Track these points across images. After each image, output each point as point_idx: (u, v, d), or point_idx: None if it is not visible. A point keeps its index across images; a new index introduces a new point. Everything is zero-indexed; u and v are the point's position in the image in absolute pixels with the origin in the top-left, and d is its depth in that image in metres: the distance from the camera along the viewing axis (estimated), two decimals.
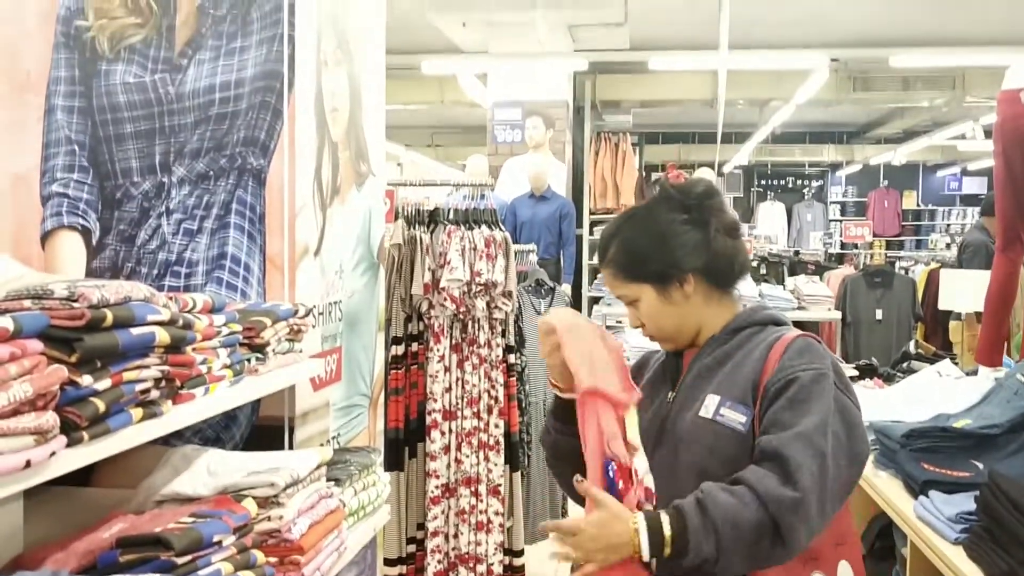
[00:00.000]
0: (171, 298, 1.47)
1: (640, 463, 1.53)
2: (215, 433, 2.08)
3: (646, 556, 1.45)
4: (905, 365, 4.00)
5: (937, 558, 2.17)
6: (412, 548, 3.50)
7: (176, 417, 1.43)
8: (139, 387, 1.30)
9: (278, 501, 1.57)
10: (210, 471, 1.61)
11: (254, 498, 1.54)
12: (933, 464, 2.56)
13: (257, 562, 1.46)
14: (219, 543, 1.37)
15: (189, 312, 1.50)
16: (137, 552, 1.27)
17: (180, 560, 1.28)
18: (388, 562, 3.42)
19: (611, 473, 1.52)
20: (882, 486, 2.67)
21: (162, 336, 1.32)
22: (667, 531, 1.45)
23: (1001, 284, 3.76)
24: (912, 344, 4.42)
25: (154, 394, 1.35)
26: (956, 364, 3.65)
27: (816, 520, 1.48)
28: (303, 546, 1.58)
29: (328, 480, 1.82)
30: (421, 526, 3.49)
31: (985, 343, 3.81)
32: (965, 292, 4.21)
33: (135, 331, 1.27)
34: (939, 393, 3.24)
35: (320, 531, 1.67)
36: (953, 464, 2.55)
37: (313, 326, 2.20)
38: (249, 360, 1.75)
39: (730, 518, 1.44)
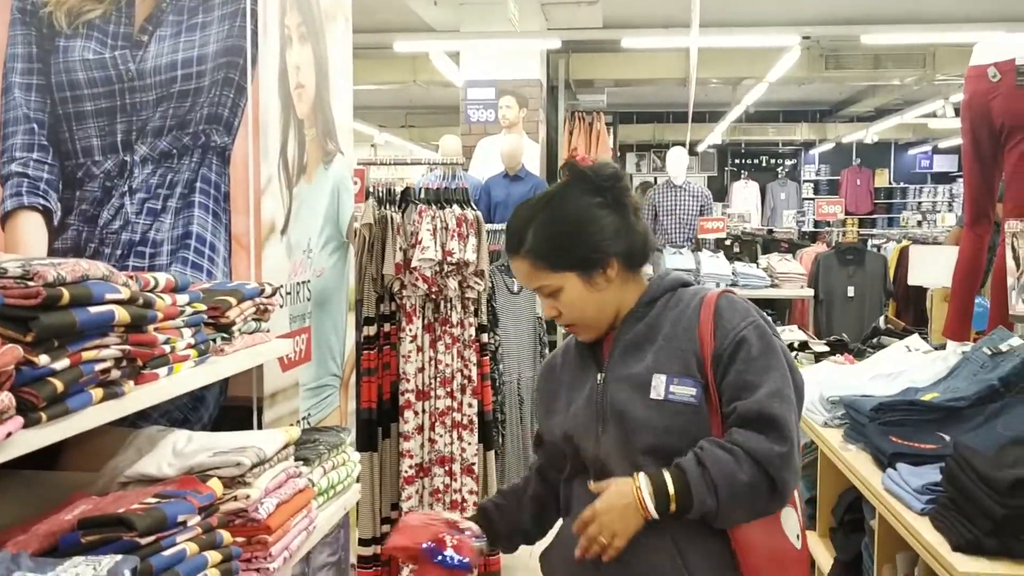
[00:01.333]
0: (132, 277, 1.45)
1: None
2: (182, 415, 2.06)
3: (652, 512, 1.54)
4: (875, 340, 4.03)
5: (904, 529, 2.19)
6: (386, 528, 3.50)
7: (139, 397, 1.42)
8: (99, 367, 1.29)
9: (244, 481, 1.55)
10: (175, 452, 1.59)
11: (220, 478, 1.52)
12: (901, 437, 2.58)
13: (223, 542, 1.44)
14: (184, 523, 1.36)
15: (151, 291, 1.49)
16: (99, 533, 1.26)
17: (144, 540, 1.26)
18: (363, 542, 3.42)
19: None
20: (851, 460, 2.69)
21: (122, 315, 1.31)
22: (669, 485, 1.54)
23: (969, 260, 3.80)
24: (882, 320, 4.44)
25: (115, 374, 1.34)
26: (925, 339, 3.68)
27: (799, 465, 1.62)
28: (271, 525, 1.57)
29: (296, 460, 1.81)
30: (395, 506, 3.49)
31: (953, 318, 3.85)
32: (934, 268, 4.25)
33: (93, 310, 1.25)
34: (908, 367, 3.26)
35: (288, 510, 1.66)
36: (920, 437, 2.57)
37: (280, 306, 2.18)
38: (214, 340, 1.74)
39: (728, 475, 1.54)
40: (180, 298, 1.58)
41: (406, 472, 3.43)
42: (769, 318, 1.73)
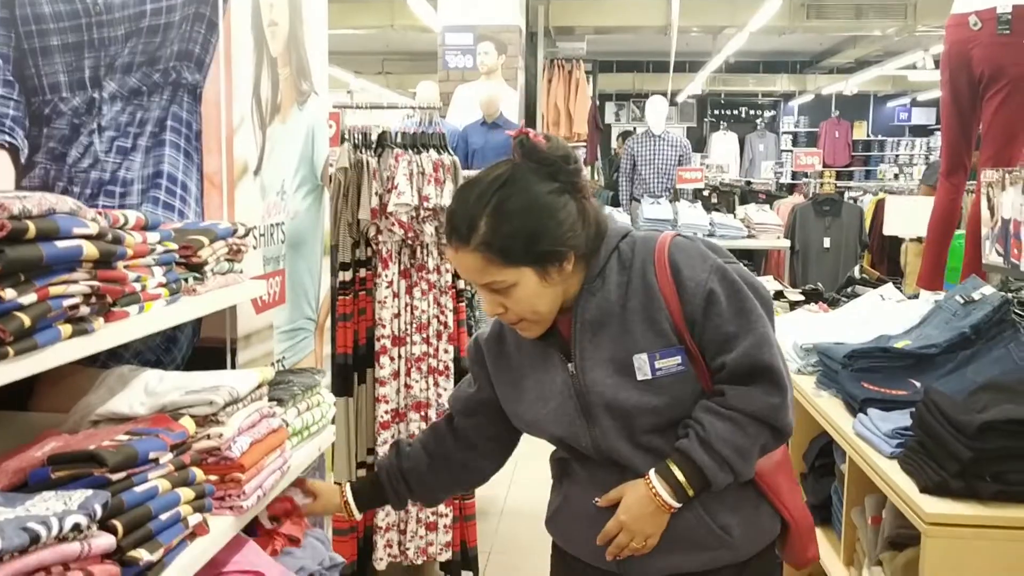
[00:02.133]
0: (101, 213, 1.42)
1: None
2: (155, 356, 2.05)
3: (676, 506, 1.55)
4: (849, 290, 4.06)
5: (873, 472, 2.22)
6: (362, 472, 3.52)
7: (109, 335, 1.40)
8: (67, 302, 1.27)
9: (217, 419, 1.55)
10: (147, 391, 1.58)
11: (192, 416, 1.52)
12: (873, 383, 2.61)
13: (196, 479, 1.44)
14: (155, 460, 1.35)
15: (120, 229, 1.46)
16: (69, 469, 1.25)
17: (114, 477, 1.26)
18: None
19: None
20: (823, 405, 2.72)
21: (90, 250, 1.28)
22: (680, 477, 1.54)
23: (944, 210, 3.83)
24: (857, 269, 4.47)
25: (84, 310, 1.31)
26: (899, 288, 3.71)
27: (791, 397, 1.61)
28: (244, 464, 1.57)
29: (271, 400, 1.80)
30: (371, 451, 3.51)
31: (927, 268, 3.89)
32: (909, 218, 4.28)
33: (60, 244, 1.23)
34: (881, 316, 3.29)
35: (262, 449, 1.65)
36: (892, 383, 2.60)
37: (254, 247, 2.16)
38: (186, 280, 1.72)
39: (733, 444, 1.54)
40: (150, 236, 1.56)
41: (382, 417, 3.44)
42: (719, 247, 1.64)
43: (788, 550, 1.79)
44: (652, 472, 1.56)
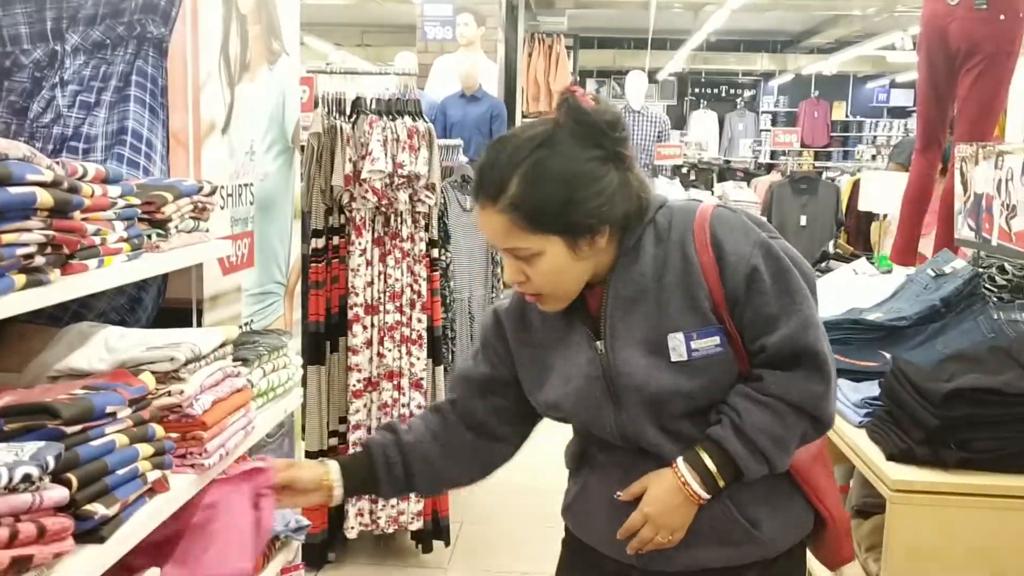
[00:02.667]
0: (58, 162, 1.39)
1: None
2: (120, 316, 2.01)
3: (705, 498, 1.44)
4: (824, 265, 4.07)
5: (841, 441, 2.23)
6: (334, 441, 3.50)
7: (66, 287, 1.37)
8: (21, 251, 1.24)
9: (178, 376, 1.52)
10: (108, 346, 1.55)
11: (153, 372, 1.49)
12: (844, 355, 2.61)
13: (156, 436, 1.42)
14: (113, 415, 1.33)
15: (79, 180, 1.43)
16: (22, 421, 1.22)
17: (69, 429, 1.23)
18: (309, 455, 3.42)
19: None
20: None
21: (44, 198, 1.25)
22: (711, 466, 1.43)
23: (918, 185, 3.84)
24: (831, 245, 4.48)
25: (39, 260, 1.29)
26: (872, 263, 3.72)
27: (835, 383, 1.49)
28: (206, 422, 1.55)
29: (236, 360, 1.78)
30: (343, 419, 3.49)
31: (900, 243, 3.90)
32: (884, 193, 4.29)
33: (13, 190, 1.20)
34: (854, 290, 3.30)
35: (225, 408, 1.63)
36: (862, 355, 2.61)
37: (221, 207, 2.13)
38: (149, 236, 1.69)
39: (770, 434, 1.42)
40: (111, 189, 1.52)
41: (354, 386, 3.42)
42: (764, 221, 1.53)
43: (822, 548, 1.66)
44: (680, 460, 1.43)
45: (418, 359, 3.49)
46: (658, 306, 1.44)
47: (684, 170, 8.18)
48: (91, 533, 1.27)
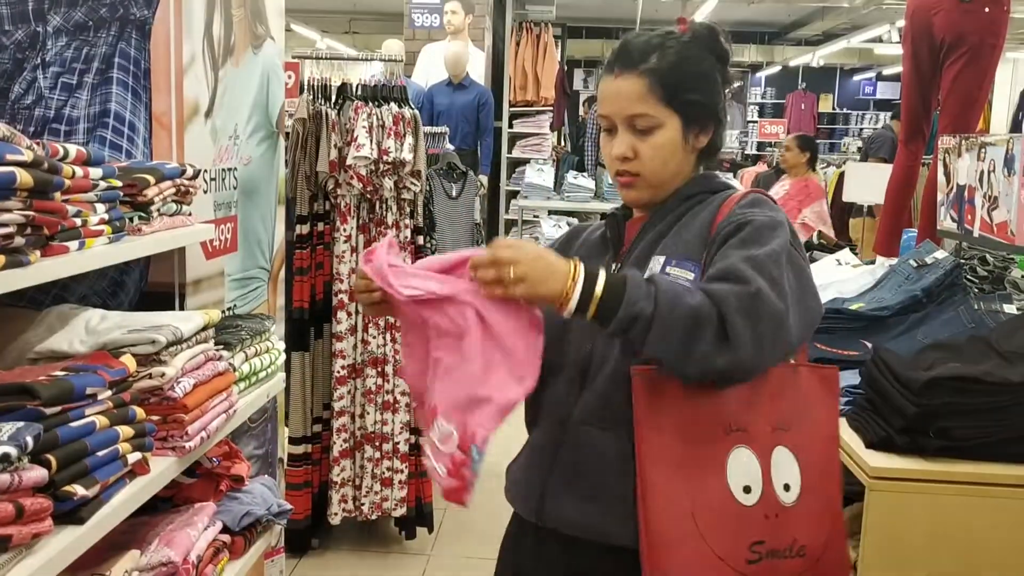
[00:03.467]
0: (38, 143, 1.38)
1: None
2: (102, 300, 2.00)
3: (574, 297, 1.29)
4: (807, 255, 4.09)
5: None
6: (318, 427, 3.50)
7: (47, 268, 1.37)
8: (0, 231, 1.23)
9: (160, 359, 1.52)
10: (88, 329, 1.55)
11: (134, 355, 1.49)
12: (826, 344, 2.63)
13: (136, 418, 1.42)
14: (93, 396, 1.32)
15: (60, 161, 1.42)
16: (1, 401, 1.22)
17: (49, 410, 1.23)
18: (293, 441, 3.42)
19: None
20: None
21: (24, 178, 1.24)
22: (599, 282, 1.30)
23: (902, 176, 3.86)
24: (815, 235, 4.51)
25: (19, 241, 1.28)
26: (856, 253, 3.74)
27: (767, 332, 1.29)
28: (187, 404, 1.55)
29: (217, 344, 1.77)
30: (327, 406, 3.49)
31: (884, 233, 3.92)
32: (868, 184, 4.31)
33: None
34: (837, 280, 3.32)
35: (206, 391, 1.63)
36: (844, 344, 2.62)
37: (204, 191, 2.12)
38: (131, 219, 1.68)
39: (675, 294, 1.29)
40: (93, 171, 1.52)
41: (338, 373, 3.42)
42: (800, 240, 1.51)
43: None
44: (583, 265, 1.33)
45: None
46: (671, 242, 1.50)
47: None
48: (70, 514, 1.27)
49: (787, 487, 1.44)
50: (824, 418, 1.54)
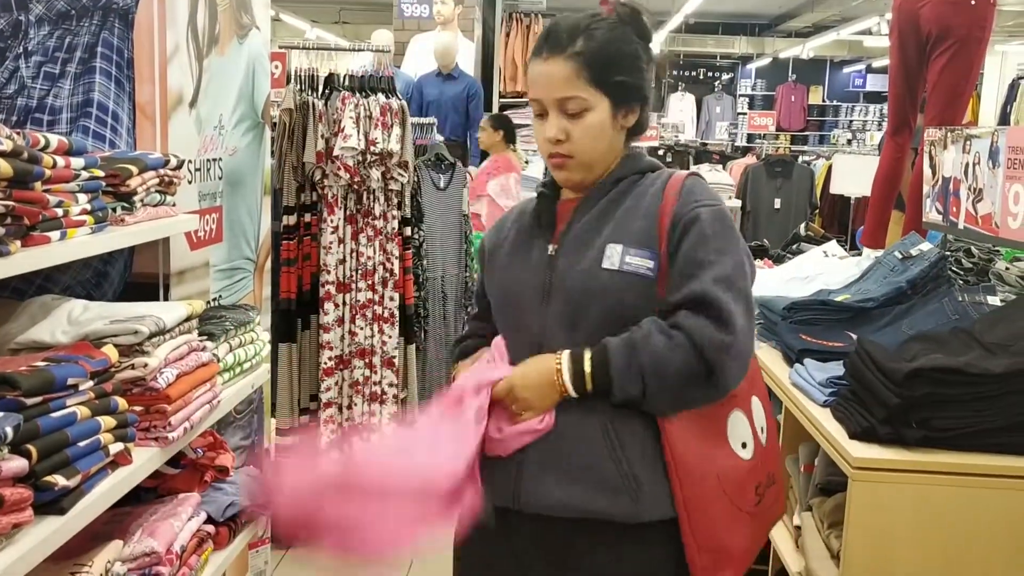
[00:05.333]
0: (18, 133, 1.37)
1: None
2: (85, 291, 2.00)
3: (570, 389, 1.46)
4: (795, 247, 4.10)
5: (806, 419, 2.25)
6: (305, 419, 3.50)
7: (28, 259, 1.36)
8: None
9: (142, 349, 1.52)
10: (71, 319, 1.54)
11: (116, 346, 1.48)
12: (810, 335, 2.64)
13: (119, 408, 1.41)
14: (75, 387, 1.32)
15: (41, 151, 1.41)
16: None
17: (29, 401, 1.22)
18: (280, 432, 3.42)
19: None
20: (763, 357, 2.74)
21: (3, 167, 1.24)
22: (587, 367, 1.45)
23: (888, 168, 3.86)
24: (803, 227, 4.51)
25: None
26: (843, 245, 3.75)
27: (746, 359, 1.50)
28: (170, 395, 1.54)
29: (202, 335, 1.77)
30: (314, 397, 3.49)
31: (870, 226, 3.93)
32: (857, 177, 4.32)
33: None
34: (823, 271, 3.33)
35: (190, 382, 1.63)
36: (829, 335, 2.63)
37: (189, 181, 2.11)
38: (114, 209, 1.67)
39: (658, 359, 1.43)
40: (75, 161, 1.51)
41: (325, 364, 3.41)
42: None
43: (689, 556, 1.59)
44: (565, 352, 1.48)
45: (390, 337, 3.49)
46: (617, 226, 1.55)
47: (661, 152, 8.19)
48: (51, 504, 1.27)
49: (762, 429, 1.67)
50: None
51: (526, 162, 6.13)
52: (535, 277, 1.58)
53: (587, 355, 1.46)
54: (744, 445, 1.60)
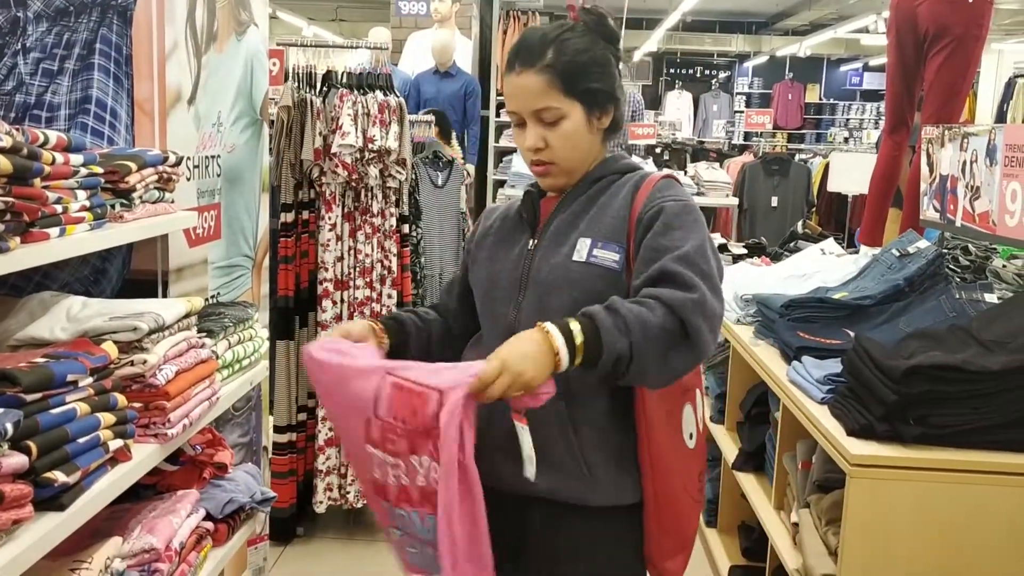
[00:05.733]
0: (18, 129, 1.37)
1: None
2: (84, 287, 2.00)
3: (564, 356, 1.38)
4: (792, 244, 4.11)
5: (804, 417, 2.26)
6: (303, 416, 3.50)
7: (27, 255, 1.36)
8: None
9: (142, 346, 1.52)
10: (70, 316, 1.54)
11: (116, 343, 1.48)
12: (808, 333, 2.64)
13: (118, 405, 1.41)
14: (74, 383, 1.32)
15: (40, 147, 1.41)
16: None
17: (29, 397, 1.22)
18: (278, 429, 3.42)
19: None
20: (760, 354, 2.75)
21: (2, 164, 1.24)
22: (576, 328, 1.40)
23: (885, 166, 3.87)
24: (800, 225, 4.53)
25: None
26: (840, 243, 3.76)
27: (717, 323, 1.49)
28: (169, 392, 1.54)
29: (200, 332, 1.77)
30: (312, 395, 3.49)
31: (868, 223, 3.94)
32: (854, 175, 4.33)
33: None
34: (821, 269, 3.33)
35: (189, 379, 1.63)
36: (827, 333, 2.64)
37: (187, 178, 2.11)
38: (113, 206, 1.67)
39: (639, 317, 1.41)
40: (74, 158, 1.51)
41: None
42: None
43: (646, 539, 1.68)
44: (549, 323, 1.42)
45: None
46: (591, 222, 1.62)
47: (658, 150, 8.20)
48: (51, 501, 1.27)
49: (701, 420, 1.74)
50: None
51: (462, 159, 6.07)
52: (515, 270, 1.66)
53: (571, 320, 1.42)
54: (691, 436, 1.69)
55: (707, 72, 17.28)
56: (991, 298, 2.51)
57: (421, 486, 1.38)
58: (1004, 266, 2.76)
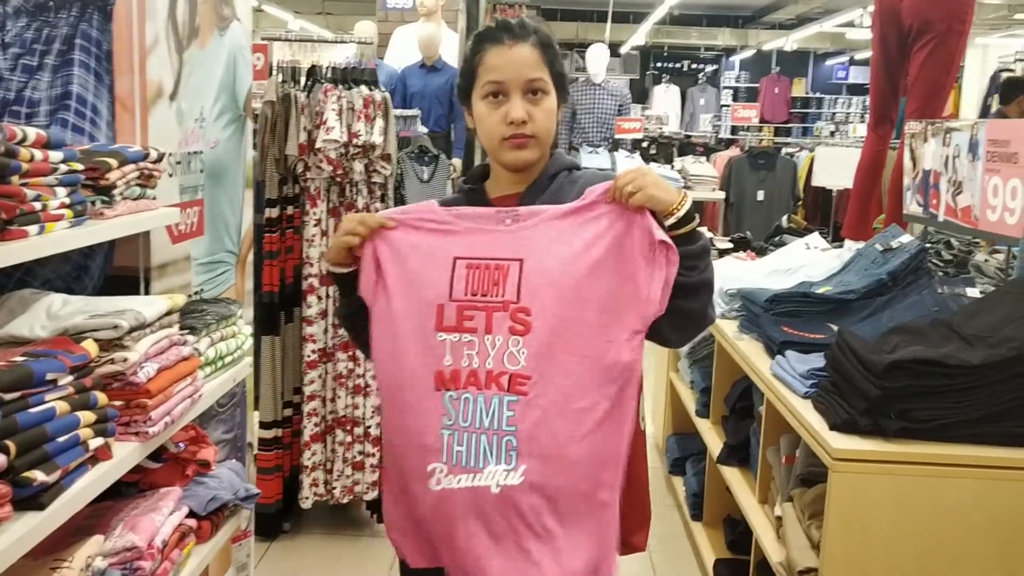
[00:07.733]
0: None
1: None
2: (65, 284, 1.99)
3: (682, 211, 1.55)
4: (777, 239, 4.12)
5: (787, 411, 2.27)
6: (289, 412, 3.49)
7: (6, 253, 1.35)
8: None
9: (123, 344, 1.51)
10: (50, 314, 1.53)
11: (96, 340, 1.47)
12: (792, 327, 2.66)
13: (98, 403, 1.41)
14: (53, 382, 1.31)
15: (18, 144, 1.40)
16: None
17: (7, 396, 1.22)
18: (264, 425, 3.41)
19: None
20: (744, 348, 2.76)
21: None
22: (694, 217, 1.58)
23: (870, 160, 3.89)
24: (785, 219, 4.54)
25: None
26: (825, 237, 3.77)
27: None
28: (150, 390, 1.54)
29: (183, 329, 1.76)
30: (298, 390, 3.48)
31: (852, 217, 3.95)
32: (838, 170, 4.34)
33: None
34: (805, 263, 3.34)
35: (170, 377, 1.62)
36: (811, 327, 2.65)
37: (170, 174, 2.10)
38: (93, 203, 1.66)
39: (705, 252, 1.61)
40: (53, 155, 1.50)
41: (308, 357, 3.40)
42: None
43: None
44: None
45: None
46: None
47: (645, 144, 8.20)
48: (31, 500, 1.26)
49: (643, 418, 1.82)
50: None
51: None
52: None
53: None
54: (643, 418, 1.80)
55: (694, 66, 17.31)
56: (973, 292, 2.53)
57: (489, 369, 1.47)
58: (986, 260, 2.78)
